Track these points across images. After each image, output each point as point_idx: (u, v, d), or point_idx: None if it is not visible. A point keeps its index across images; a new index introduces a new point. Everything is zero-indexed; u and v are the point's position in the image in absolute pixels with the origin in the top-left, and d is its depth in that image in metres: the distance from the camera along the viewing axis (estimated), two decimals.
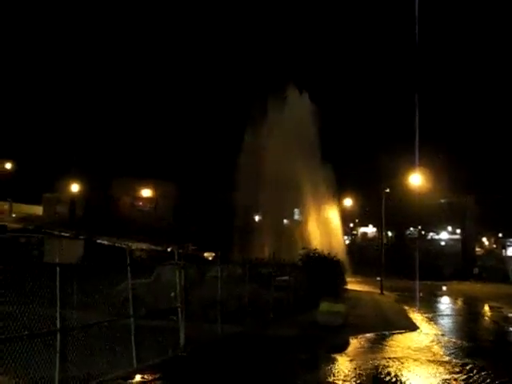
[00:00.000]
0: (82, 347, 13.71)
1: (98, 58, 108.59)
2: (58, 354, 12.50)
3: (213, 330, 20.83)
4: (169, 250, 54.59)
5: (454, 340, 25.34)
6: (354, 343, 23.61)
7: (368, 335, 25.63)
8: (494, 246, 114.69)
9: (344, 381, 16.13)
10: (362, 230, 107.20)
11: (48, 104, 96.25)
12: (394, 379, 16.51)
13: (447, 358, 20.43)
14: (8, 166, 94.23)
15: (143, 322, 16.89)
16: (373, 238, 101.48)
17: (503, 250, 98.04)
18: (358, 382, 16.09)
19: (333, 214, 71.30)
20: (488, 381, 16.69)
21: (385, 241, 67.32)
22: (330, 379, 16.40)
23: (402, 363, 18.85)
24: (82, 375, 13.40)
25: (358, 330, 26.03)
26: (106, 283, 15.74)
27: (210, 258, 52.80)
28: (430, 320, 33.98)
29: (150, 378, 15.09)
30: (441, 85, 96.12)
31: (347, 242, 79.80)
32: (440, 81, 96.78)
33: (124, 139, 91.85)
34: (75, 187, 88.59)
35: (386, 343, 23.97)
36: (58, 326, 12.63)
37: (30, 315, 12.28)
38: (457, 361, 19.77)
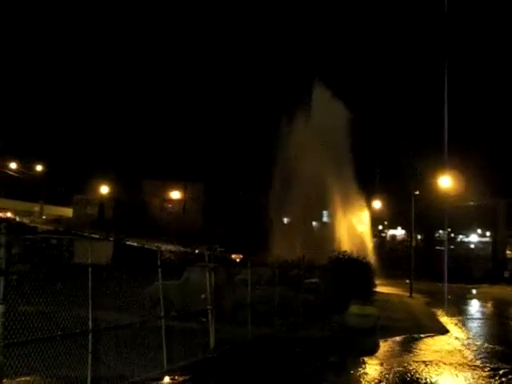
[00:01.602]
0: (113, 348, 13.77)
1: (130, 61, 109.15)
2: (89, 355, 12.57)
3: (242, 332, 20.82)
4: (197, 251, 54.77)
5: (484, 344, 25.10)
6: (384, 346, 23.48)
7: (398, 338, 25.51)
8: None
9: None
10: (391, 232, 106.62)
11: (81, 107, 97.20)
12: (423, 382, 16.40)
13: (478, 362, 20.24)
14: (39, 168, 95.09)
15: (173, 323, 16.94)
16: (402, 241, 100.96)
17: None
18: None
19: (362, 216, 71.06)
20: None
21: (414, 243, 66.89)
22: (360, 382, 16.33)
23: (433, 367, 18.72)
24: (113, 376, 13.46)
25: (387, 333, 25.88)
26: (136, 284, 15.81)
27: (238, 260, 52.81)
28: (460, 323, 33.70)
29: (180, 379, 15.10)
30: (472, 84, 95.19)
31: (376, 244, 79.28)
32: (472, 79, 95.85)
33: (154, 141, 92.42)
34: (105, 189, 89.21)
35: (416, 346, 23.81)
36: (90, 326, 12.71)
37: (62, 316, 12.38)
38: (488, 365, 19.56)
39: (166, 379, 14.97)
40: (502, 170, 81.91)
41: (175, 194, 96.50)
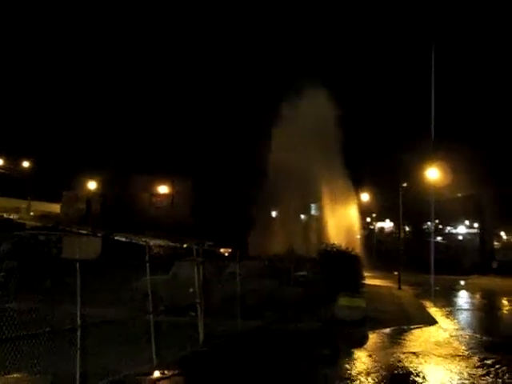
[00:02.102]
0: (102, 343, 13.76)
1: (113, 57, 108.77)
2: (78, 351, 12.54)
3: (232, 326, 20.84)
4: (185, 246, 54.76)
5: (473, 335, 25.22)
6: (374, 338, 23.55)
7: (387, 330, 25.58)
8: None
9: (364, 375, 16.09)
10: (379, 224, 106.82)
11: (66, 102, 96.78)
12: (413, 374, 16.47)
13: (467, 353, 20.33)
14: (26, 164, 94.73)
15: (162, 317, 16.95)
16: (390, 233, 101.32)
17: None
18: (378, 377, 16.04)
19: (350, 209, 71.17)
20: (507, 375, 16.63)
21: (402, 235, 67.10)
22: (350, 374, 16.37)
23: (422, 358, 18.80)
24: (103, 371, 13.44)
25: (377, 325, 25.95)
26: (124, 280, 15.80)
27: (227, 254, 52.89)
28: (449, 314, 33.85)
29: (170, 373, 15.09)
30: (458, 76, 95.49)
31: (365, 236, 79.46)
32: (458, 71, 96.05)
33: (141, 136, 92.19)
34: (93, 185, 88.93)
35: (405, 338, 23.89)
36: (79, 322, 12.68)
37: (51, 312, 12.36)
38: (477, 355, 19.66)
39: (156, 373, 14.96)
40: (487, 161, 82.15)
41: (163, 189, 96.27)
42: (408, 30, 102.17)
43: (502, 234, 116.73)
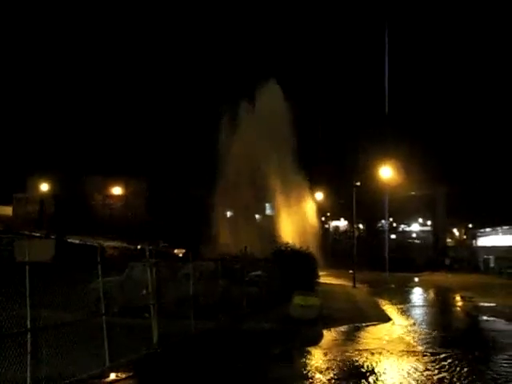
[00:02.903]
0: (54, 347, 13.60)
1: (65, 51, 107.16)
2: (28, 355, 12.40)
3: (186, 327, 20.77)
4: (138, 247, 54.44)
5: (426, 330, 25.63)
6: (328, 336, 23.72)
7: (342, 328, 25.79)
8: (465, 236, 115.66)
9: (319, 373, 16.20)
10: (334, 223, 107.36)
11: (15, 101, 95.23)
12: (367, 370, 16.64)
13: (420, 348, 20.63)
14: None
15: (116, 320, 16.80)
16: (345, 232, 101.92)
17: (473, 241, 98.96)
18: (333, 374, 16.16)
19: (305, 208, 71.33)
20: (459, 369, 16.92)
21: (356, 234, 67.62)
22: (305, 372, 16.46)
23: (375, 354, 18.99)
24: (55, 375, 13.28)
25: (331, 323, 26.14)
26: (77, 282, 15.67)
27: (181, 255, 52.68)
28: (403, 311, 34.27)
29: (124, 376, 15.04)
30: (411, 71, 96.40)
31: (320, 235, 79.87)
32: (411, 66, 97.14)
33: (93, 136, 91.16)
34: (45, 186, 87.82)
35: (359, 335, 24.15)
36: (29, 325, 12.53)
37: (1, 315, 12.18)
38: (430, 350, 19.97)
39: (110, 376, 14.90)
40: (440, 159, 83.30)
41: (117, 190, 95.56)
42: (362, 11, 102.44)
43: (455, 231, 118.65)
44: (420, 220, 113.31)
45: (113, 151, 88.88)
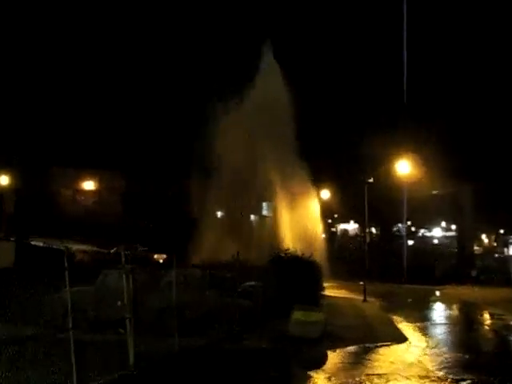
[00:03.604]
0: (11, 367, 13.58)
1: (38, 40, 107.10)
2: None
3: (168, 344, 20.77)
4: (112, 251, 54.48)
5: (448, 353, 25.56)
6: (333, 358, 23.71)
7: (349, 348, 25.78)
8: (495, 244, 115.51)
9: None
10: (342, 226, 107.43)
11: None
12: None
13: (441, 374, 20.61)
14: None
15: (86, 336, 16.81)
16: (354, 236, 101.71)
17: (505, 249, 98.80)
18: None
19: (308, 208, 71.24)
20: None
21: (368, 239, 67.57)
22: None
23: (388, 381, 18.99)
24: None
25: (337, 343, 26.14)
26: (41, 291, 15.64)
27: (161, 261, 52.78)
28: (421, 330, 34.20)
29: None
30: (432, 56, 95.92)
31: (326, 240, 79.78)
32: (432, 51, 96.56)
33: (62, 122, 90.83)
34: (4, 180, 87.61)
35: (369, 357, 24.14)
36: None
37: None
38: (452, 376, 19.95)
39: None
40: (467, 153, 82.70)
41: (89, 184, 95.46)
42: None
43: (483, 237, 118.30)
44: (443, 224, 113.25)
45: (85, 139, 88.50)
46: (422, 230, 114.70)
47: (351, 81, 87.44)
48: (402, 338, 29.21)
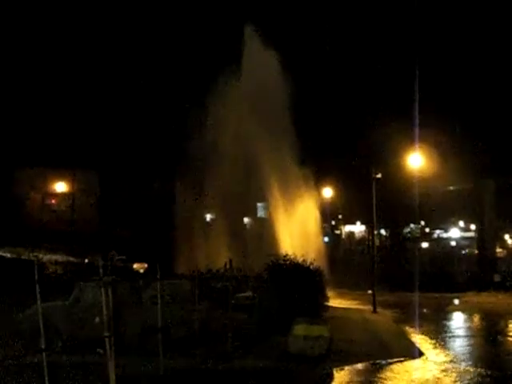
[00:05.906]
0: None
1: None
2: None
3: (153, 366, 20.77)
4: (86, 261, 54.49)
5: (469, 368, 25.61)
6: (340, 377, 23.71)
7: (358, 366, 25.81)
8: None
9: None
10: (348, 228, 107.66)
11: None
12: None
13: None
14: None
15: (60, 357, 16.81)
16: (362, 239, 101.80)
17: None
18: None
19: (309, 209, 71.25)
20: None
21: (377, 242, 67.63)
22: None
23: None
24: None
25: (344, 360, 26.14)
26: (7, 308, 15.65)
27: (142, 271, 52.77)
28: (438, 344, 34.24)
29: None
30: (449, 39, 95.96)
31: (329, 244, 79.86)
32: (449, 34, 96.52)
33: (30, 118, 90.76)
34: None
35: (381, 375, 24.16)
36: None
37: None
38: None
39: None
40: (487, 144, 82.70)
41: (61, 186, 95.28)
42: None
43: (507, 237, 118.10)
44: (461, 223, 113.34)
45: (55, 136, 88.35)
46: (438, 231, 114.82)
47: (359, 67, 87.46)
48: (416, 353, 29.23)
